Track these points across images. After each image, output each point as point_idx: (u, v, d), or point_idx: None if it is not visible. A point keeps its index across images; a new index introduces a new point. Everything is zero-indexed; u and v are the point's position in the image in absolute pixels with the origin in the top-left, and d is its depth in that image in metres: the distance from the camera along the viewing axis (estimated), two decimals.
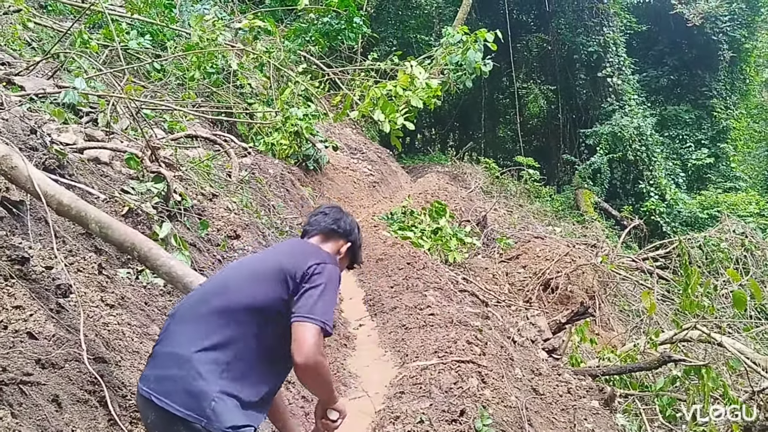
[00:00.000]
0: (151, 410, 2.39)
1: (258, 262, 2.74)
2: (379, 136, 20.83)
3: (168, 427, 2.36)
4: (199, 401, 2.32)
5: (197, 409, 2.31)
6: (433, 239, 11.34)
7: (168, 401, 2.32)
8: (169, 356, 2.44)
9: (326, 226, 2.93)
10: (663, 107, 27.01)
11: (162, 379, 2.39)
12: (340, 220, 2.96)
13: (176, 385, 2.35)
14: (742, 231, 15.24)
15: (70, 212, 3.17)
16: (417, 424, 4.11)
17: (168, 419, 2.34)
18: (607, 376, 7.06)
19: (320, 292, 2.53)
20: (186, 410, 2.30)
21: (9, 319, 3.11)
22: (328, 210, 3.01)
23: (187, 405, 2.31)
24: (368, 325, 7.11)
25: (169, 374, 2.38)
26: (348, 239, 2.95)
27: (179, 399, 2.32)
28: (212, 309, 2.51)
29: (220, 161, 8.28)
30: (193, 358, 2.38)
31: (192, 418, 2.30)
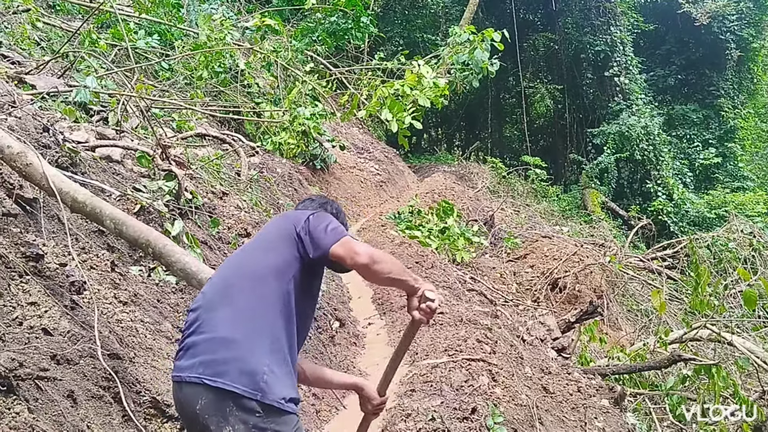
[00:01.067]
0: (202, 394, 2.40)
1: (262, 236, 2.81)
2: (385, 136, 20.84)
3: (220, 407, 2.38)
4: (253, 377, 2.37)
5: (251, 384, 2.36)
6: (440, 238, 11.34)
7: (222, 380, 2.36)
8: (213, 341, 2.46)
9: (315, 209, 2.92)
10: (670, 107, 26.94)
11: (211, 363, 2.41)
12: (326, 204, 3.01)
13: (228, 366, 2.39)
14: (750, 231, 15.18)
15: (84, 209, 3.18)
16: (428, 422, 4.11)
17: (221, 398, 2.37)
18: (616, 375, 7.04)
19: (327, 224, 2.63)
20: (242, 386, 2.36)
21: (24, 315, 3.12)
22: (315, 197, 3.08)
23: (241, 382, 2.36)
24: (377, 324, 7.12)
25: (218, 357, 2.41)
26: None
27: (233, 377, 2.37)
28: (238, 290, 2.55)
29: (229, 160, 8.30)
30: (237, 338, 2.44)
31: (248, 393, 2.35)
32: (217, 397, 2.38)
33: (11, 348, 2.78)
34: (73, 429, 2.77)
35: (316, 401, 5.13)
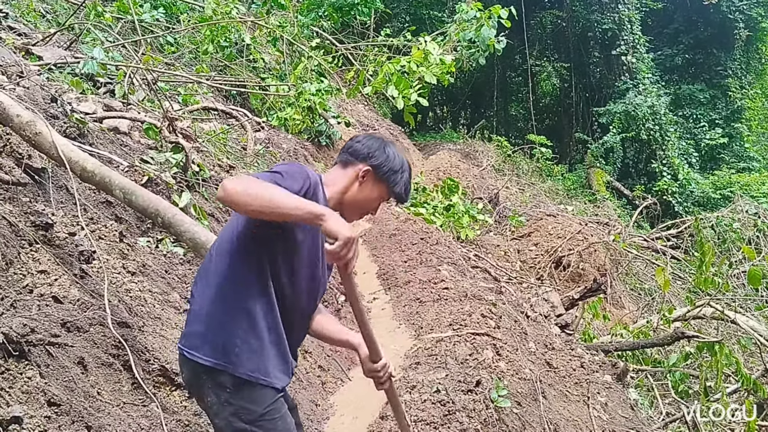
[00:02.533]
0: (184, 364, 2.46)
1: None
2: (391, 114, 20.76)
3: (196, 379, 2.41)
4: (224, 349, 2.35)
5: (222, 357, 2.35)
6: (445, 216, 11.36)
7: (196, 353, 2.37)
8: (191, 313, 2.48)
9: (346, 149, 2.65)
10: (677, 86, 26.74)
11: (190, 335, 2.43)
12: (362, 141, 2.65)
13: (201, 339, 2.39)
14: (755, 211, 15.17)
15: (93, 178, 3.20)
16: (433, 394, 4.15)
17: (197, 371, 2.39)
18: (619, 351, 7.09)
19: (272, 171, 2.37)
20: (213, 360, 2.35)
21: (34, 283, 3.15)
22: (360, 136, 2.69)
23: (213, 355, 2.35)
24: (382, 299, 7.15)
25: (194, 330, 2.42)
26: (367, 162, 2.59)
27: (205, 350, 2.36)
28: (215, 262, 2.47)
29: (235, 135, 8.30)
30: (210, 312, 2.40)
31: (219, 366, 2.34)
32: (194, 369, 2.40)
33: (22, 314, 2.81)
34: (83, 394, 2.81)
35: (322, 373, 5.18)
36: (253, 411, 2.37)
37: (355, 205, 2.63)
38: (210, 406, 2.40)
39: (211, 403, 2.38)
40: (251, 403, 2.37)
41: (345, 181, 2.60)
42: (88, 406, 2.75)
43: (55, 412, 2.54)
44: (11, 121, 3.28)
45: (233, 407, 2.36)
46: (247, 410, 2.36)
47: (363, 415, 4.51)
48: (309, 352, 5.14)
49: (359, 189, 2.60)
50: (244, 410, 2.36)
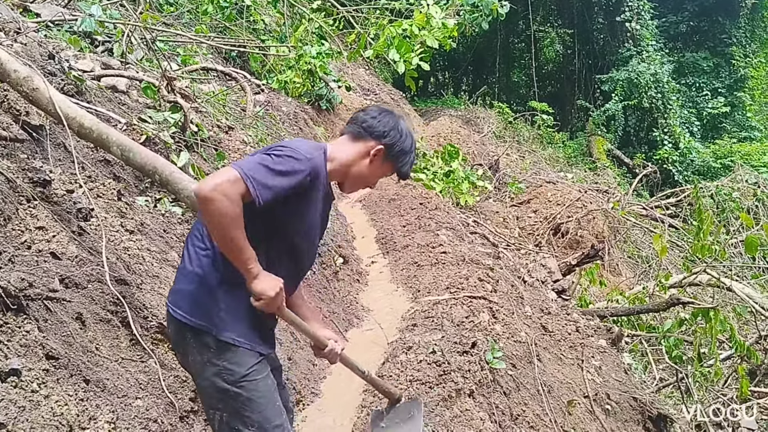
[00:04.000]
0: (169, 322, 2.52)
1: None
2: (392, 78, 20.61)
3: (181, 337, 2.46)
4: (207, 311, 2.40)
5: (205, 319, 2.40)
6: (445, 182, 11.33)
7: (181, 312, 2.42)
8: (178, 272, 2.53)
9: (360, 123, 2.64)
10: (681, 54, 26.49)
11: (176, 292, 2.48)
12: (377, 117, 2.63)
13: (189, 299, 2.43)
14: (755, 181, 15.16)
15: (91, 135, 3.19)
16: (429, 354, 4.19)
17: (181, 329, 2.44)
18: (615, 317, 7.14)
19: (265, 158, 2.34)
20: (197, 320, 2.40)
21: (32, 239, 3.16)
22: (371, 110, 2.70)
23: (196, 315, 2.40)
24: (380, 263, 7.18)
25: (182, 288, 2.47)
26: (381, 141, 2.60)
27: (188, 310, 2.41)
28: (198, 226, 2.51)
29: (234, 96, 8.25)
30: (197, 272, 2.44)
31: (203, 327, 2.40)
32: (178, 327, 2.46)
33: (21, 269, 2.83)
34: (82, 349, 2.83)
35: None
36: (236, 372, 2.41)
37: (360, 179, 2.67)
38: (193, 364, 2.45)
39: (194, 361, 2.44)
40: (234, 365, 2.41)
41: (353, 155, 2.62)
42: (86, 361, 2.78)
43: (54, 365, 2.57)
44: (8, 77, 3.26)
45: (216, 367, 2.40)
46: (229, 371, 2.40)
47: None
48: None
49: (368, 165, 2.63)
50: (227, 371, 2.40)
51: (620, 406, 5.50)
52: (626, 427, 5.42)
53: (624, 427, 5.39)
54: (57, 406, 2.40)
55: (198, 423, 3.23)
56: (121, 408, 2.71)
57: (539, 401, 4.65)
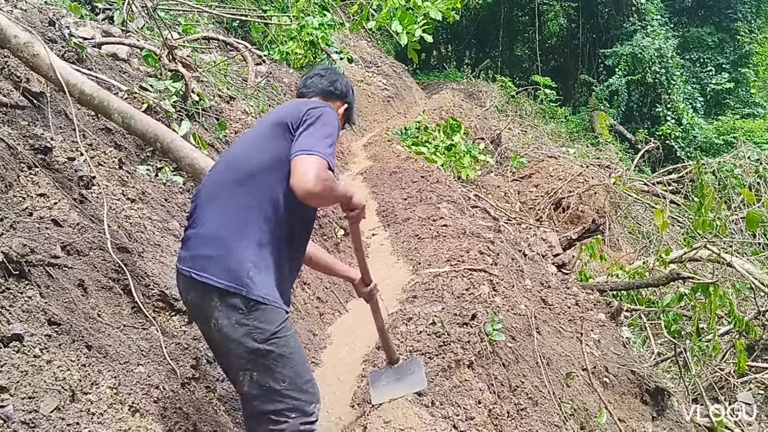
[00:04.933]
0: (191, 286, 2.54)
1: (258, 128, 2.80)
2: (394, 51, 20.48)
3: (206, 301, 2.49)
4: (237, 273, 2.45)
5: (235, 280, 2.44)
6: (446, 155, 11.31)
7: (207, 275, 2.46)
8: (201, 237, 2.55)
9: (324, 87, 2.92)
10: (686, 29, 26.25)
11: (199, 258, 2.51)
12: (336, 81, 2.95)
13: (213, 262, 2.48)
14: (757, 158, 15.14)
15: (92, 102, 3.17)
16: (429, 326, 4.21)
17: (207, 292, 2.48)
18: (614, 291, 7.17)
19: (318, 129, 2.54)
20: (226, 282, 2.44)
21: (34, 206, 3.15)
22: (323, 71, 2.99)
23: (225, 277, 2.45)
24: (381, 235, 7.19)
25: (206, 254, 2.50)
26: (345, 100, 2.97)
27: (217, 272, 2.45)
28: (231, 184, 2.58)
29: (236, 67, 8.20)
30: (223, 236, 2.50)
31: (232, 288, 2.44)
32: (204, 291, 2.50)
33: (22, 236, 2.82)
34: (84, 316, 2.84)
35: (320, 304, 5.25)
36: (266, 330, 2.48)
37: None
38: (220, 328, 2.48)
39: (221, 325, 2.47)
40: (264, 323, 2.48)
41: None
42: (88, 327, 2.79)
43: (56, 331, 2.57)
44: (8, 42, 3.23)
45: (246, 328, 2.45)
46: (260, 330, 2.47)
47: (359, 345, 4.59)
48: (307, 283, 5.20)
49: (338, 122, 2.83)
50: (257, 330, 2.46)
51: (618, 379, 5.53)
52: (624, 399, 5.46)
53: (621, 400, 5.43)
54: (59, 371, 2.41)
55: (199, 390, 3.25)
56: (123, 374, 2.72)
57: (538, 373, 4.68)
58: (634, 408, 5.49)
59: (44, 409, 2.25)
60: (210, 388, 3.35)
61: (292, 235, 2.64)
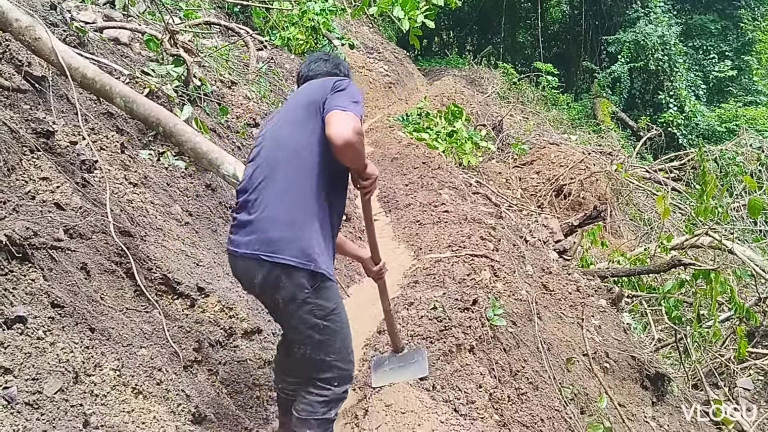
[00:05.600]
0: (258, 268, 2.66)
1: (292, 109, 2.87)
2: (396, 37, 20.39)
3: (275, 280, 2.64)
4: (306, 251, 2.63)
5: (304, 257, 2.62)
6: (448, 142, 11.28)
7: (278, 255, 2.61)
8: (266, 220, 2.67)
9: (329, 70, 3.06)
10: (689, 16, 26.10)
11: (266, 240, 2.64)
12: (340, 64, 3.13)
13: (283, 242, 2.62)
14: (759, 145, 15.11)
15: (94, 86, 3.16)
16: (430, 310, 4.22)
17: (276, 272, 2.63)
18: (615, 277, 7.17)
19: (346, 95, 2.69)
20: (297, 259, 2.61)
21: (36, 190, 3.16)
22: (326, 56, 3.15)
23: (296, 255, 2.61)
24: (382, 221, 7.19)
25: (273, 235, 2.63)
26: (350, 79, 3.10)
27: (289, 252, 2.61)
28: (283, 169, 2.70)
29: (237, 52, 8.18)
30: (288, 218, 2.65)
31: (302, 264, 2.61)
32: (272, 270, 2.63)
33: (25, 219, 2.83)
34: (86, 298, 2.85)
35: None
36: (326, 307, 2.72)
37: None
38: (286, 304, 2.68)
39: (287, 301, 2.67)
40: (325, 300, 2.71)
41: None
42: (91, 310, 2.81)
43: (59, 313, 2.59)
44: (10, 26, 3.23)
45: (309, 305, 2.67)
46: (321, 307, 2.70)
47: (360, 329, 4.60)
48: None
49: None
50: (319, 307, 2.69)
51: (618, 364, 5.55)
52: (624, 384, 5.47)
53: (622, 385, 5.45)
54: (62, 353, 2.42)
55: (201, 373, 3.27)
56: (126, 356, 2.74)
57: (539, 358, 4.69)
58: (634, 393, 5.51)
59: (48, 390, 2.27)
60: (212, 371, 3.37)
61: (338, 211, 2.85)
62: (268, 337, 3.91)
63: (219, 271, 3.97)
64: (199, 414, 2.85)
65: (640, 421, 5.17)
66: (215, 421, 2.97)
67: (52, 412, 2.22)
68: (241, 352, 3.69)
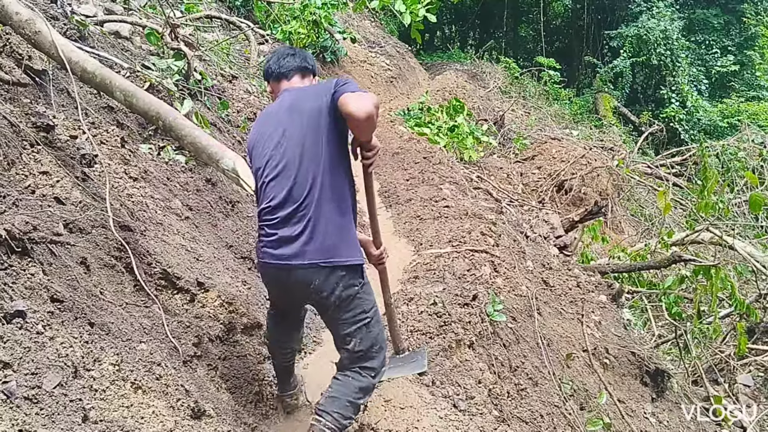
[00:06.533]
0: (314, 275, 2.86)
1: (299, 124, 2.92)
2: (398, 31, 20.33)
3: (331, 281, 2.87)
4: (357, 247, 2.94)
5: (359, 254, 2.95)
6: (449, 136, 11.26)
7: (337, 259, 2.85)
8: (311, 231, 2.84)
9: (299, 65, 3.17)
10: (692, 10, 25.97)
11: (321, 250, 2.84)
12: (306, 57, 3.23)
13: (339, 248, 2.86)
14: (761, 141, 15.06)
15: (94, 80, 3.15)
16: (430, 306, 4.22)
17: (335, 274, 2.86)
18: (616, 273, 7.16)
19: (351, 86, 2.78)
20: (355, 258, 2.90)
21: (36, 184, 3.16)
22: (292, 51, 3.25)
23: (354, 255, 2.90)
24: (383, 215, 7.18)
25: (328, 243, 2.84)
26: (315, 74, 3.27)
27: (348, 253, 2.88)
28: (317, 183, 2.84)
29: (238, 46, 8.16)
30: (337, 223, 2.86)
31: (359, 260, 2.93)
32: (331, 274, 2.86)
33: (25, 213, 2.83)
34: (86, 293, 2.85)
35: None
36: (371, 301, 3.01)
37: None
38: (340, 302, 2.90)
39: (341, 299, 2.89)
40: (370, 294, 3.01)
41: None
42: (90, 304, 2.80)
43: (58, 308, 2.59)
44: (10, 19, 3.22)
45: (360, 299, 2.94)
46: (368, 301, 2.99)
47: None
48: None
49: None
50: (367, 301, 2.98)
51: (618, 360, 5.55)
52: (623, 380, 5.48)
53: (621, 381, 5.46)
54: (62, 348, 2.42)
55: (201, 368, 3.27)
56: (126, 351, 2.74)
57: (538, 354, 4.70)
58: (634, 389, 5.52)
59: (47, 385, 2.26)
60: (212, 366, 3.37)
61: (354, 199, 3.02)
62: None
63: (219, 266, 3.97)
64: (198, 409, 2.85)
65: (639, 417, 5.18)
66: (215, 416, 2.97)
67: (51, 407, 2.21)
68: (241, 348, 3.69)
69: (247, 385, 3.54)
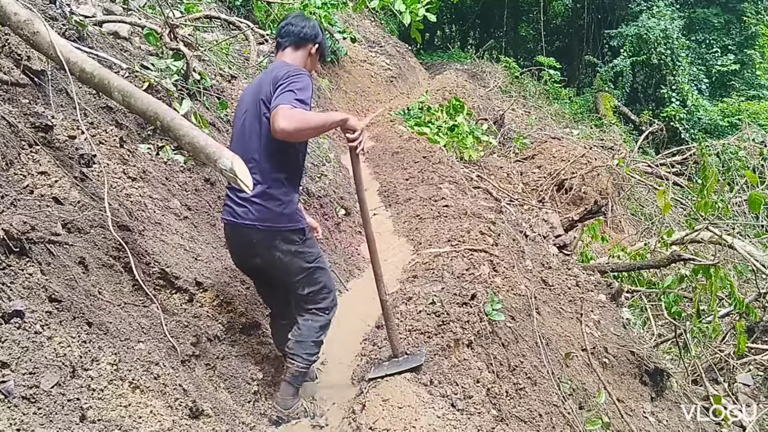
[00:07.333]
0: (253, 235, 3.28)
1: (245, 113, 3.30)
2: (398, 31, 20.34)
3: (268, 245, 3.28)
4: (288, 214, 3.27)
5: (291, 220, 3.29)
6: (449, 136, 11.27)
7: (268, 224, 3.22)
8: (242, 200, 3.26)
9: (296, 34, 3.37)
10: (692, 10, 25.97)
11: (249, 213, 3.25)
12: (305, 26, 3.38)
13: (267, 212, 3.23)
14: (761, 140, 15.04)
15: (92, 80, 3.15)
16: (429, 305, 4.22)
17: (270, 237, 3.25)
18: (615, 272, 7.17)
19: (287, 85, 3.02)
20: (285, 224, 3.27)
21: (35, 184, 3.16)
22: (293, 20, 3.42)
23: (284, 220, 3.26)
24: (382, 215, 7.20)
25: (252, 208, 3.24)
26: (315, 41, 3.41)
27: (276, 218, 3.23)
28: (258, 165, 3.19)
29: (238, 46, 8.16)
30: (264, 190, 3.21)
31: (292, 227, 3.29)
32: (266, 237, 3.23)
33: (23, 213, 2.83)
34: (84, 293, 2.85)
35: None
36: (312, 253, 3.39)
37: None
38: (282, 258, 3.28)
39: (282, 255, 3.27)
40: (311, 247, 3.39)
41: (301, 60, 3.39)
42: (89, 304, 2.81)
43: (57, 308, 2.59)
44: (9, 20, 3.21)
45: (302, 254, 3.32)
46: (309, 253, 3.37)
47: (359, 324, 4.62)
48: None
49: (311, 62, 3.44)
50: (309, 254, 3.36)
51: (618, 359, 5.55)
52: (623, 380, 5.48)
53: (620, 380, 5.46)
54: (60, 348, 2.43)
55: (199, 368, 3.28)
56: (124, 351, 2.74)
57: (537, 353, 4.70)
58: (633, 388, 5.51)
59: (45, 384, 2.27)
60: (210, 366, 3.38)
61: (300, 169, 3.39)
62: (266, 332, 3.91)
63: (218, 266, 3.98)
64: (196, 408, 2.86)
65: (638, 416, 5.18)
66: (213, 415, 2.97)
67: (48, 406, 2.22)
68: (239, 347, 3.70)
69: (246, 384, 3.55)
